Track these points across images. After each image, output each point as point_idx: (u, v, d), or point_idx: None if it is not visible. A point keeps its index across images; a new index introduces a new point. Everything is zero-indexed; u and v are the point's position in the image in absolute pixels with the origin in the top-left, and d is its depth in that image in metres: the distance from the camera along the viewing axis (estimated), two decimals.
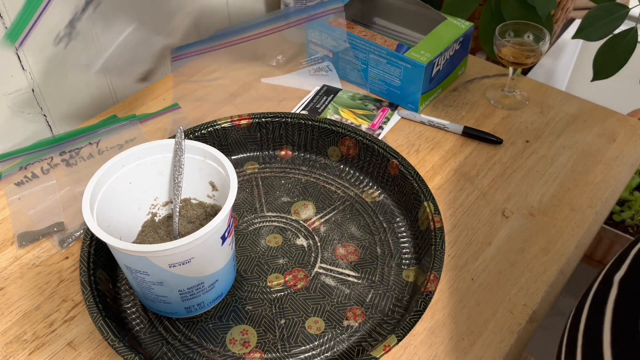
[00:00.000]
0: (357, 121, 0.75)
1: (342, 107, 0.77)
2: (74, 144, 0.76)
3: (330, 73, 0.89)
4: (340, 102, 0.78)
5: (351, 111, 0.76)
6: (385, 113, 0.77)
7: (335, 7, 0.89)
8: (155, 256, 0.49)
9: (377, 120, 0.76)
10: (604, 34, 0.80)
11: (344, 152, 0.72)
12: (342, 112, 0.76)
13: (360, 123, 0.75)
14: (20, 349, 0.57)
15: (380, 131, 0.76)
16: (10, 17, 0.70)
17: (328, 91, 0.82)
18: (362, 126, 0.75)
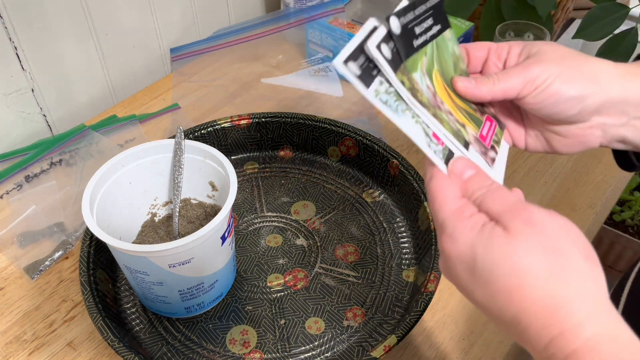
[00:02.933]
0: (456, 113, 0.44)
1: (440, 68, 0.45)
2: (74, 143, 0.76)
3: (330, 74, 0.89)
4: (441, 54, 0.46)
5: (448, 92, 0.45)
6: (494, 126, 0.47)
7: (335, 7, 0.89)
8: (155, 256, 0.49)
9: (486, 130, 0.46)
10: (604, 34, 0.80)
11: (344, 152, 0.72)
12: (435, 82, 0.44)
13: (462, 121, 0.44)
14: (20, 349, 0.57)
15: (493, 153, 0.45)
16: (10, 17, 0.70)
17: (436, 12, 0.45)
18: (467, 128, 0.44)
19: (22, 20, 0.71)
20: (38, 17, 0.73)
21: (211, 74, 0.91)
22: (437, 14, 0.45)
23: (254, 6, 1.04)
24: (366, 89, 0.36)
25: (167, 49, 0.92)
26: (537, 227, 0.33)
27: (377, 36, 0.38)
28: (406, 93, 0.39)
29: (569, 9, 1.02)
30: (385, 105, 0.37)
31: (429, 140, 0.39)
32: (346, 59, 0.36)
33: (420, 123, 0.39)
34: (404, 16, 0.42)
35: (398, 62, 0.40)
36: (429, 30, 0.44)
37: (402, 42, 0.41)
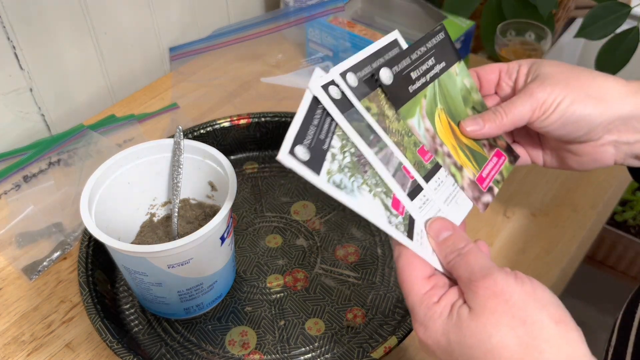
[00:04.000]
0: (455, 154, 0.44)
1: (446, 106, 0.45)
2: (73, 143, 0.75)
3: None
4: (446, 91, 0.45)
5: (454, 129, 0.45)
6: (501, 161, 0.47)
7: (335, 6, 0.88)
8: (153, 257, 0.49)
9: (488, 169, 0.46)
10: (605, 33, 0.80)
11: None
12: (437, 123, 0.44)
13: (462, 163, 0.44)
14: (18, 350, 0.56)
15: (488, 197, 0.45)
16: (8, 16, 0.69)
17: (440, 50, 0.45)
18: (464, 171, 0.44)
19: (21, 20, 0.71)
20: (37, 16, 0.72)
21: (210, 73, 0.91)
22: (440, 52, 0.46)
23: (253, 5, 1.03)
24: (317, 176, 0.35)
25: (166, 48, 0.92)
26: (502, 297, 0.32)
27: (327, 77, 0.38)
28: (370, 119, 0.39)
29: (570, 8, 1.02)
30: (339, 189, 0.36)
31: (389, 214, 0.38)
32: (292, 147, 0.34)
33: (379, 194, 0.38)
34: (398, 65, 0.42)
35: (367, 91, 0.40)
36: (430, 71, 0.44)
37: (394, 92, 0.41)
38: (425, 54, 0.44)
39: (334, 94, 0.38)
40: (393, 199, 0.39)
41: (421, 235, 0.39)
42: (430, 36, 0.45)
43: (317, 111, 0.37)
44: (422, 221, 0.40)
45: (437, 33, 0.46)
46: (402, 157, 0.41)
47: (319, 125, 0.36)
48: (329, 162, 0.36)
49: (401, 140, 0.41)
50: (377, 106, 0.40)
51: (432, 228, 0.39)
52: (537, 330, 0.31)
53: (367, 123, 0.39)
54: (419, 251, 0.38)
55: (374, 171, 0.38)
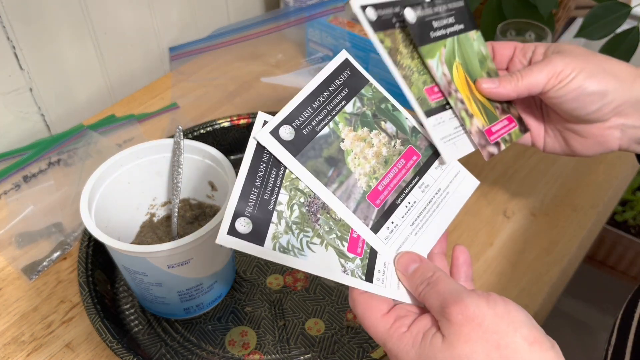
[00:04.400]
0: (469, 103, 0.45)
1: (464, 62, 0.46)
2: (72, 143, 0.75)
3: None
4: (464, 50, 0.47)
5: (470, 84, 0.46)
6: (512, 126, 0.48)
7: (335, 5, 0.88)
8: (153, 257, 0.49)
9: (498, 127, 0.47)
10: (606, 33, 0.80)
11: None
12: (455, 73, 0.45)
13: (473, 112, 0.45)
14: (18, 350, 0.56)
15: (494, 149, 0.46)
16: (8, 16, 0.69)
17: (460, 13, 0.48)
18: (475, 119, 0.45)
19: (21, 20, 0.71)
20: (36, 16, 0.72)
21: (210, 73, 0.91)
22: (460, 16, 0.48)
23: (253, 5, 1.03)
24: (261, 248, 0.34)
25: (165, 48, 0.92)
26: (476, 322, 0.32)
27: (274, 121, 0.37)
28: (382, 50, 0.42)
29: (570, 8, 1.02)
30: (286, 254, 0.35)
31: (344, 261, 0.37)
32: (231, 224, 0.34)
33: (332, 242, 0.37)
34: (423, 9, 0.44)
35: (385, 27, 0.42)
36: (450, 27, 0.47)
37: (418, 30, 0.44)
38: (446, 11, 0.47)
39: (285, 135, 0.37)
40: (350, 240, 0.38)
41: (383, 272, 0.38)
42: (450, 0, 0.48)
43: (260, 167, 0.36)
44: (389, 253, 0.39)
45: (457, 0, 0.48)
46: (407, 90, 0.42)
47: (263, 184, 0.35)
48: (275, 224, 0.35)
49: (410, 75, 0.43)
50: (392, 41, 0.42)
51: (400, 263, 0.39)
52: (512, 353, 0.31)
53: (326, 156, 0.38)
54: (381, 291, 0.37)
55: (327, 216, 0.37)
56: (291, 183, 0.37)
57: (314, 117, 0.39)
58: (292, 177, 0.37)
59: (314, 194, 0.37)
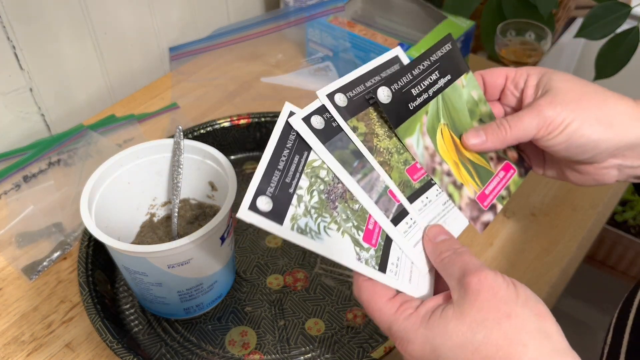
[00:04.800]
0: (457, 171, 0.43)
1: (450, 120, 0.44)
2: (72, 143, 0.75)
3: (330, 73, 0.89)
4: (451, 105, 0.44)
5: (457, 146, 0.44)
6: (509, 176, 0.45)
7: (335, 5, 0.88)
8: (153, 257, 0.49)
9: (493, 185, 0.44)
10: (605, 33, 0.80)
11: None
12: (439, 139, 0.43)
13: (462, 180, 0.43)
14: (18, 350, 0.56)
15: (489, 216, 0.44)
16: (8, 16, 0.69)
17: (446, 62, 0.44)
18: (464, 189, 0.43)
19: (21, 20, 0.71)
20: (36, 16, 0.72)
21: (210, 73, 0.91)
22: (446, 64, 0.44)
23: (253, 5, 1.03)
24: (280, 226, 0.35)
25: (165, 48, 0.92)
26: (492, 291, 0.34)
27: (307, 108, 0.38)
28: (355, 138, 0.39)
29: (570, 8, 1.02)
30: (303, 235, 0.36)
31: (359, 249, 0.38)
32: (252, 200, 0.34)
33: (348, 230, 0.38)
34: (397, 82, 0.42)
35: (356, 110, 0.40)
36: (433, 85, 0.44)
37: (392, 110, 0.41)
38: (428, 68, 0.43)
39: (316, 124, 0.38)
40: (365, 231, 0.38)
41: (397, 264, 0.39)
42: (436, 48, 0.44)
43: (283, 152, 0.37)
44: (407, 246, 0.40)
45: (444, 44, 0.45)
46: (387, 178, 0.40)
47: (285, 168, 0.36)
48: (295, 206, 0.36)
49: (388, 159, 0.41)
50: (366, 125, 0.40)
51: (431, 231, 0.40)
52: (521, 323, 0.33)
53: (352, 149, 0.39)
54: (393, 283, 0.38)
55: (345, 205, 0.38)
56: (312, 171, 0.38)
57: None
58: (313, 165, 0.38)
59: (333, 183, 0.38)
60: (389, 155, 0.41)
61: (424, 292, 0.40)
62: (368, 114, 0.41)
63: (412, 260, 0.40)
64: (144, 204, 0.60)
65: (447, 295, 0.36)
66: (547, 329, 0.33)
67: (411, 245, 0.40)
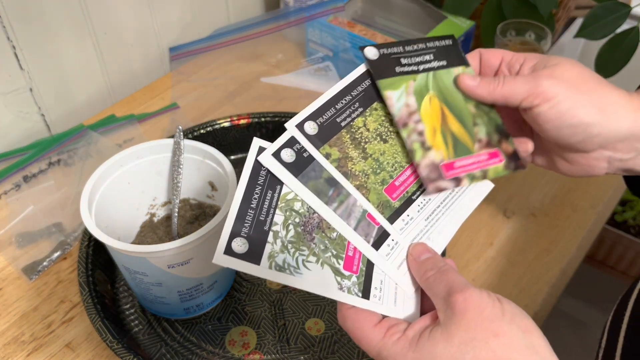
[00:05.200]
0: (431, 135, 0.43)
1: (441, 95, 0.44)
2: (72, 143, 0.75)
3: (330, 73, 0.89)
4: (442, 84, 0.44)
5: (444, 117, 0.44)
6: (492, 161, 0.44)
7: (335, 5, 0.88)
8: (153, 257, 0.49)
9: (466, 162, 0.43)
10: (605, 33, 0.80)
11: None
12: (426, 104, 0.43)
13: (433, 144, 0.42)
14: (18, 350, 0.56)
15: (447, 184, 0.42)
16: (8, 16, 0.69)
17: (443, 51, 0.46)
18: (432, 152, 0.42)
19: (21, 20, 0.71)
20: (36, 16, 0.72)
21: (210, 73, 0.91)
22: (443, 53, 0.46)
23: (253, 5, 1.03)
24: (257, 267, 0.34)
25: (165, 48, 0.92)
26: (478, 310, 0.33)
27: (276, 143, 0.38)
28: (329, 165, 0.39)
29: (570, 8, 1.02)
30: (282, 272, 0.35)
31: (340, 278, 0.37)
32: (227, 244, 0.34)
33: (328, 261, 0.37)
34: (387, 48, 0.43)
35: (328, 136, 0.40)
36: (424, 63, 0.45)
37: (377, 66, 0.42)
38: (422, 49, 0.45)
39: (286, 157, 0.38)
40: (345, 259, 0.38)
41: (380, 289, 0.38)
42: (435, 39, 0.46)
43: (255, 189, 0.36)
44: (391, 269, 0.39)
45: (444, 39, 0.46)
46: (365, 202, 0.40)
47: (258, 206, 0.36)
48: (271, 243, 0.36)
49: (365, 181, 0.40)
50: (339, 150, 0.40)
51: (414, 249, 0.40)
52: (509, 341, 0.32)
53: (326, 177, 0.39)
54: (378, 308, 0.37)
55: (322, 235, 0.38)
56: (286, 204, 0.37)
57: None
58: (287, 198, 0.37)
59: (308, 214, 0.38)
60: (365, 178, 0.40)
61: (410, 313, 0.39)
62: (341, 137, 0.40)
63: (396, 282, 0.39)
64: (144, 204, 0.60)
65: (434, 315, 0.36)
66: (535, 345, 0.33)
67: (395, 267, 0.40)
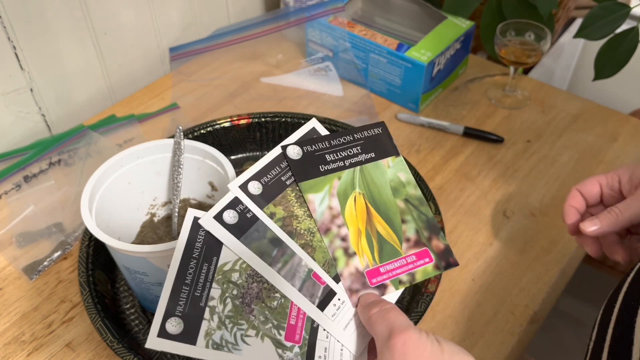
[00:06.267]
0: (355, 239, 0.42)
1: (368, 192, 0.44)
2: (73, 143, 0.75)
3: (330, 73, 0.89)
4: (370, 179, 0.44)
5: (370, 216, 0.43)
6: (420, 263, 0.43)
7: (335, 6, 0.88)
8: (154, 257, 0.49)
9: (393, 266, 0.42)
10: (605, 33, 0.80)
11: None
12: (350, 205, 0.43)
13: (358, 250, 0.41)
14: (18, 350, 0.57)
15: (372, 293, 0.41)
16: (9, 17, 0.69)
17: (371, 142, 0.46)
18: (355, 259, 0.41)
19: (21, 20, 0.71)
20: (37, 16, 0.72)
21: (210, 73, 0.91)
22: (371, 144, 0.45)
23: (253, 5, 1.03)
24: (193, 347, 0.34)
25: (166, 48, 0.92)
26: (417, 352, 0.34)
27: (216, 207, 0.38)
28: (273, 225, 0.39)
29: (570, 8, 1.02)
30: (220, 350, 0.35)
31: (282, 351, 0.37)
32: (161, 326, 0.33)
33: (268, 332, 0.37)
34: (311, 145, 0.43)
35: (273, 195, 0.40)
36: (352, 157, 0.44)
37: (299, 166, 0.42)
38: (350, 142, 0.44)
39: (228, 219, 0.38)
40: (287, 328, 0.37)
41: (325, 357, 0.38)
42: (364, 129, 0.45)
43: (190, 264, 0.36)
44: (337, 330, 0.39)
45: (375, 128, 0.46)
46: (310, 261, 0.39)
47: (194, 281, 0.36)
48: (208, 320, 0.35)
49: (310, 240, 0.40)
50: (284, 209, 0.40)
51: (364, 297, 0.40)
52: None
53: (270, 237, 0.39)
54: None
55: (262, 305, 0.37)
56: (223, 276, 0.37)
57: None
58: (224, 269, 0.37)
59: (247, 284, 0.37)
60: (310, 236, 0.40)
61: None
62: (285, 196, 0.40)
63: (342, 344, 0.39)
64: (144, 204, 0.60)
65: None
66: None
67: (341, 328, 0.39)
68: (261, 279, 0.38)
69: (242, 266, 0.38)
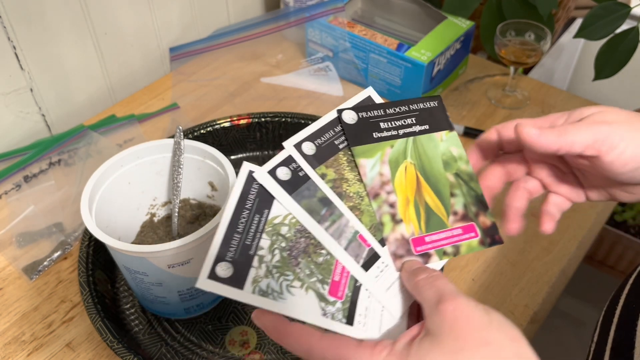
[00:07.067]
0: (403, 207, 0.41)
1: (420, 163, 0.44)
2: (73, 143, 0.75)
3: (330, 73, 0.89)
4: (422, 151, 0.44)
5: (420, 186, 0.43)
6: (467, 236, 0.43)
7: (335, 6, 0.88)
8: (154, 257, 0.49)
9: (439, 237, 0.42)
10: (605, 33, 0.80)
11: None
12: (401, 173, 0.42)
13: (404, 218, 0.41)
14: (18, 350, 0.57)
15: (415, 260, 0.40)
16: (9, 17, 0.69)
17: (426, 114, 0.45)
18: (402, 226, 0.41)
19: (21, 20, 0.71)
20: (37, 16, 0.72)
21: (210, 73, 0.91)
22: (426, 116, 0.45)
23: (253, 5, 1.03)
24: (240, 291, 0.34)
25: (166, 48, 0.92)
26: (467, 319, 0.33)
27: (272, 162, 0.39)
28: (324, 185, 0.39)
29: (570, 8, 1.02)
30: (265, 297, 0.35)
31: (324, 304, 0.37)
32: (212, 268, 0.34)
33: (313, 285, 0.37)
34: (366, 112, 0.43)
35: (325, 157, 0.41)
36: (405, 127, 0.44)
37: (353, 131, 0.42)
38: (405, 112, 0.45)
39: (282, 175, 0.39)
40: (331, 284, 0.38)
41: (365, 315, 0.38)
42: (420, 100, 0.45)
43: (243, 213, 0.37)
44: (379, 291, 0.39)
45: (430, 100, 0.46)
46: (357, 223, 0.40)
47: (245, 230, 0.36)
48: (256, 268, 0.36)
49: (359, 203, 0.40)
50: (335, 171, 0.40)
51: (408, 263, 0.40)
52: (498, 349, 0.33)
53: (320, 196, 0.39)
54: (362, 335, 0.37)
55: (308, 260, 0.38)
56: (273, 229, 0.38)
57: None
58: (274, 222, 0.38)
59: (295, 238, 0.38)
60: (359, 199, 0.40)
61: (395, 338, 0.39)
62: (337, 159, 0.41)
63: (383, 305, 0.39)
64: (144, 204, 0.60)
65: (421, 325, 0.36)
66: (522, 353, 0.33)
67: (383, 289, 0.39)
68: (309, 234, 0.39)
69: (291, 221, 0.39)
